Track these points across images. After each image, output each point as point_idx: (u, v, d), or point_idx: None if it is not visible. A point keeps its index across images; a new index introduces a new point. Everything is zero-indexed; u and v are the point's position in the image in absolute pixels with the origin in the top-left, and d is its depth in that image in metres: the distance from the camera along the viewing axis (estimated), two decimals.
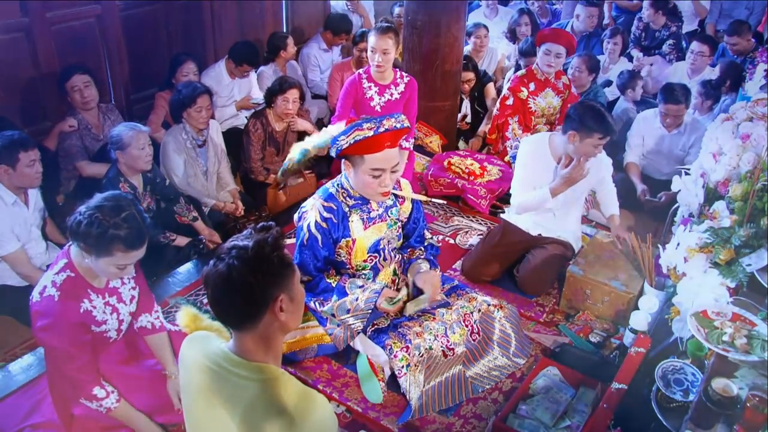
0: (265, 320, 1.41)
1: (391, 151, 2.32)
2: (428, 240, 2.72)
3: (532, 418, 2.32)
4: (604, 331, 2.89)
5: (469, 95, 4.82)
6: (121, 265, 1.97)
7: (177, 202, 3.46)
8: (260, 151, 3.97)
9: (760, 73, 3.32)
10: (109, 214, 1.89)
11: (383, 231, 2.54)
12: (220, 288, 1.39)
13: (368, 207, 2.49)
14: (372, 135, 2.24)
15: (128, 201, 1.97)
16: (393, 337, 2.44)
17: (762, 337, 1.96)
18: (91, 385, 2.06)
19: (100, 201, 1.93)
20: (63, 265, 2.01)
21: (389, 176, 2.35)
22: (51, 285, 1.97)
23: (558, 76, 4.16)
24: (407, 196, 2.60)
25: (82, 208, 1.93)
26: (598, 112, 2.85)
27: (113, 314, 2.12)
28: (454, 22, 4.11)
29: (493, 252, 3.21)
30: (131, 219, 1.92)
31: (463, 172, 3.95)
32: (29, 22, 3.66)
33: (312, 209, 2.44)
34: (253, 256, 1.37)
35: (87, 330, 2.03)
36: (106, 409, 2.09)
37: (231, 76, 4.51)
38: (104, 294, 2.09)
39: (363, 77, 3.61)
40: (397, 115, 2.34)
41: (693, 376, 2.09)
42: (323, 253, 2.46)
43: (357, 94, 3.61)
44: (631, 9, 6.36)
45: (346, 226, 2.46)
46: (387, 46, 3.43)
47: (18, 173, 2.78)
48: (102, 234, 1.88)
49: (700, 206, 2.67)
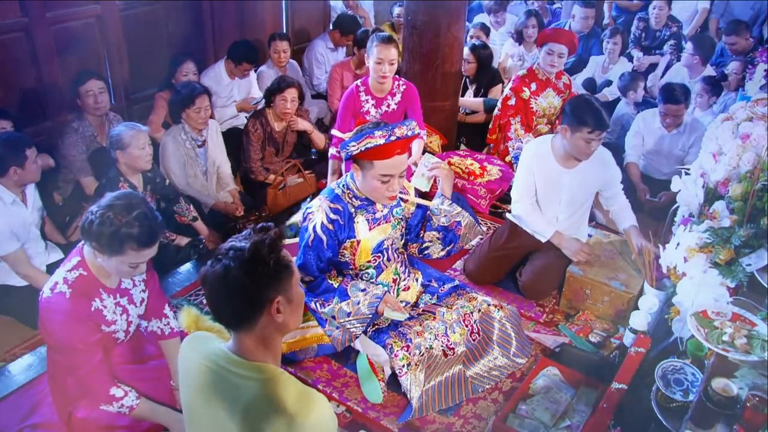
0: (261, 321, 1.41)
1: (401, 157, 2.32)
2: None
3: (532, 418, 2.32)
4: (604, 331, 2.89)
5: (474, 82, 4.80)
6: (134, 264, 1.97)
7: (177, 202, 3.46)
8: (260, 151, 3.97)
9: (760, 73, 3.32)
10: (121, 213, 1.90)
11: (387, 231, 2.55)
12: (217, 288, 1.39)
13: (373, 208, 2.50)
14: (383, 143, 2.25)
15: (139, 199, 1.98)
16: (393, 336, 2.44)
17: (762, 337, 1.96)
18: (107, 386, 2.05)
19: (111, 200, 1.93)
20: (76, 263, 2.01)
21: (397, 181, 2.36)
22: (63, 282, 1.97)
23: (558, 76, 4.16)
24: (412, 201, 2.60)
25: (93, 208, 1.93)
26: (587, 104, 2.80)
27: (123, 315, 2.12)
28: (454, 22, 4.11)
29: (498, 255, 3.17)
30: (143, 217, 1.92)
31: (463, 172, 3.95)
32: (29, 22, 3.66)
33: (318, 210, 2.44)
34: (250, 257, 1.37)
35: (96, 329, 2.03)
36: (128, 408, 2.08)
37: (231, 76, 4.51)
38: (115, 294, 2.09)
39: (360, 90, 3.60)
40: (408, 122, 2.34)
41: (693, 376, 2.09)
42: (327, 254, 2.46)
43: (355, 107, 3.60)
44: (631, 9, 6.36)
45: (351, 227, 2.46)
46: (393, 56, 3.42)
47: (26, 171, 2.81)
48: (114, 233, 1.88)
49: (700, 206, 2.67)
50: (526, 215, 3.07)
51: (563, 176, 2.98)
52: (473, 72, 4.72)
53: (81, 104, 3.57)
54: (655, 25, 5.78)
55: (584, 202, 3.08)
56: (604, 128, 2.80)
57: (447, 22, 4.07)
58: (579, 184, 2.98)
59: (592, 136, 2.78)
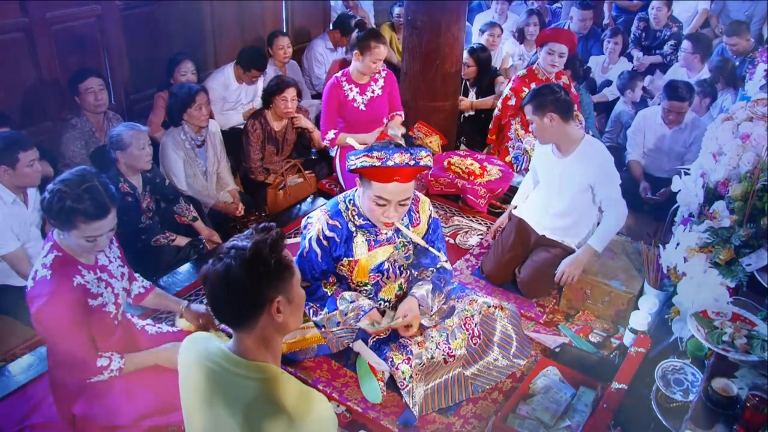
0: (262, 321, 1.41)
1: (401, 185, 2.19)
2: (441, 263, 2.56)
3: (532, 418, 2.32)
4: (604, 331, 2.89)
5: (474, 84, 4.79)
6: (90, 237, 1.99)
7: (177, 202, 3.46)
8: (259, 150, 3.97)
9: (760, 73, 3.31)
10: (70, 187, 1.94)
11: (389, 253, 2.45)
12: (218, 287, 1.39)
13: (376, 229, 2.40)
14: (378, 165, 2.16)
15: (92, 174, 2.01)
16: (394, 349, 2.41)
17: (762, 337, 1.96)
18: (93, 359, 2.08)
19: (66, 175, 1.98)
20: (49, 247, 2.04)
21: (394, 209, 2.24)
22: (42, 267, 2.00)
23: (558, 75, 4.16)
24: (412, 237, 2.45)
25: (49, 186, 1.97)
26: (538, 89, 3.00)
27: (107, 288, 2.14)
28: (454, 22, 4.10)
29: (512, 254, 3.19)
30: (93, 190, 1.95)
31: (463, 172, 3.95)
32: (29, 22, 3.66)
33: (317, 222, 2.40)
34: (251, 257, 1.37)
35: (84, 306, 2.04)
36: (117, 370, 2.12)
37: (239, 81, 4.51)
38: (95, 270, 2.12)
39: (342, 80, 3.64)
40: (416, 151, 2.21)
41: (693, 376, 2.09)
42: (322, 266, 2.43)
43: (340, 98, 3.64)
44: (631, 9, 6.36)
45: (349, 247, 2.39)
46: (386, 52, 3.58)
47: (17, 173, 2.79)
48: (62, 207, 1.92)
49: (700, 206, 2.67)
50: (521, 185, 3.39)
51: (556, 166, 3.03)
52: (474, 75, 4.72)
53: (80, 102, 3.57)
54: (655, 26, 5.78)
55: (575, 198, 3.01)
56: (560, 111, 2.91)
57: (447, 22, 4.07)
58: (569, 174, 2.97)
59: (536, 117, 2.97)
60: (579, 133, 2.99)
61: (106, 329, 2.16)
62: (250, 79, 4.49)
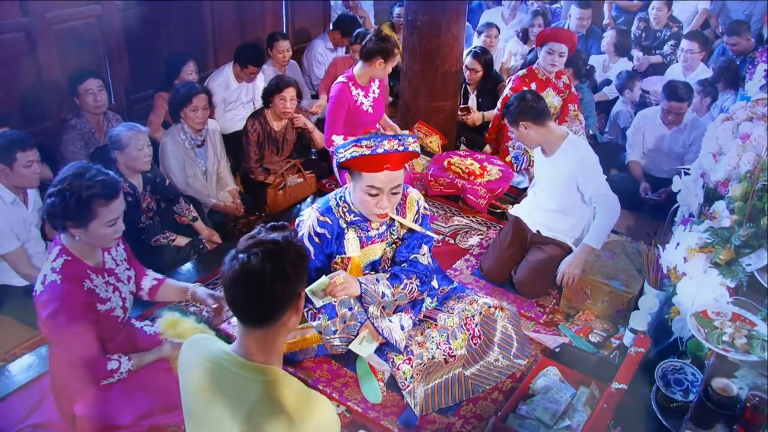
0: (284, 317, 1.40)
1: (392, 173, 2.20)
2: (417, 255, 2.44)
3: (532, 418, 2.32)
4: (604, 331, 2.89)
5: (476, 89, 4.78)
6: (111, 221, 2.00)
7: (177, 202, 3.46)
8: (259, 151, 3.97)
9: (760, 73, 3.31)
10: (76, 180, 1.94)
11: (381, 251, 2.45)
12: (252, 283, 1.34)
13: (367, 225, 2.38)
14: (369, 154, 2.16)
15: (86, 164, 2.03)
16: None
17: (762, 337, 1.96)
18: (104, 362, 2.09)
19: (61, 176, 1.98)
20: (58, 251, 2.04)
21: (387, 198, 2.23)
22: (51, 272, 1.99)
23: (558, 75, 4.16)
24: (403, 222, 2.42)
25: (51, 190, 1.97)
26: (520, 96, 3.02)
27: (115, 292, 2.15)
28: (454, 22, 4.11)
29: (510, 253, 3.21)
30: (98, 174, 1.98)
31: (463, 172, 3.95)
32: (29, 22, 3.66)
33: (307, 220, 2.38)
34: (287, 251, 1.36)
35: (93, 310, 2.05)
36: (127, 371, 2.14)
37: (238, 80, 4.50)
38: (103, 274, 2.12)
39: (350, 85, 3.62)
40: (403, 137, 2.22)
41: (693, 376, 2.09)
42: (316, 264, 2.42)
43: (350, 104, 3.62)
44: (631, 9, 6.36)
45: (341, 243, 2.38)
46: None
47: (15, 173, 2.79)
48: (78, 198, 1.92)
49: (700, 206, 2.67)
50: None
51: (544, 165, 3.10)
52: (479, 80, 4.69)
53: (80, 103, 3.57)
54: (655, 26, 5.78)
55: (565, 196, 3.01)
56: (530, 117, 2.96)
57: (447, 22, 4.07)
58: (554, 172, 3.02)
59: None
60: (561, 133, 3.02)
61: (112, 332, 2.16)
62: (248, 76, 4.48)
